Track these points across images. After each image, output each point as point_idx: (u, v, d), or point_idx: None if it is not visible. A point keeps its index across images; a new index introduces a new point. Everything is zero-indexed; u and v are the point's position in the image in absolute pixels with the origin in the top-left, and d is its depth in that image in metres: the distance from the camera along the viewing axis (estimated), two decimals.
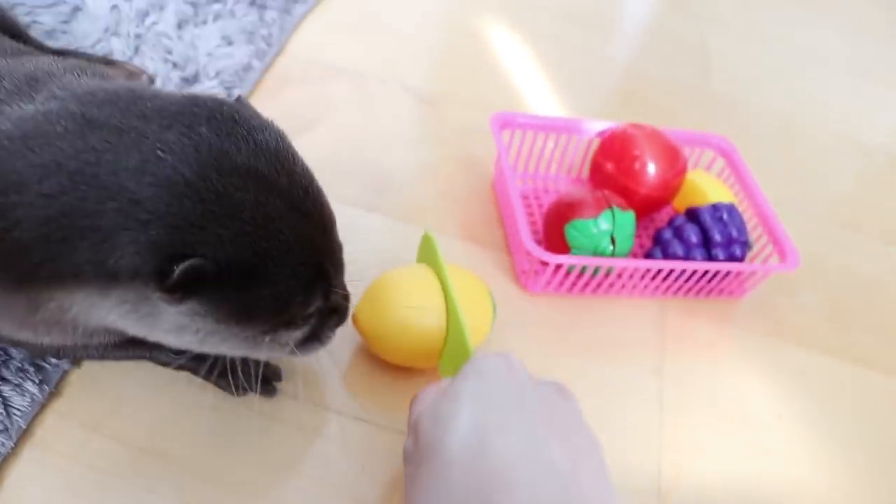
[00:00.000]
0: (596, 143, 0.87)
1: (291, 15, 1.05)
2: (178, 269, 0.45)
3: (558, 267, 0.74)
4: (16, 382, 0.61)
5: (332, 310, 0.58)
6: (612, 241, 0.75)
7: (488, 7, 1.16)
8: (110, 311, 0.51)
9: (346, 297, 0.59)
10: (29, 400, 0.61)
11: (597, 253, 0.75)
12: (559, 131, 0.87)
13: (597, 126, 0.87)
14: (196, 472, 0.61)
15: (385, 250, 0.78)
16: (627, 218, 0.76)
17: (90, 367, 0.66)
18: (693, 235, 0.78)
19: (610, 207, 0.75)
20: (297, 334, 0.56)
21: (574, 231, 0.75)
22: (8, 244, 0.47)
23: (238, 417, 0.65)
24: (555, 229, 0.77)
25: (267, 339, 0.54)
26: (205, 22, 0.99)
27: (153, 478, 0.60)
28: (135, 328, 0.53)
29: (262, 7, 1.03)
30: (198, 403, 0.65)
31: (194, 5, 1.01)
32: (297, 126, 0.90)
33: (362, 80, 0.99)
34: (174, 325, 0.51)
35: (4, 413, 0.60)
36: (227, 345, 0.54)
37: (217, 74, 0.91)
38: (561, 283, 0.77)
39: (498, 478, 0.43)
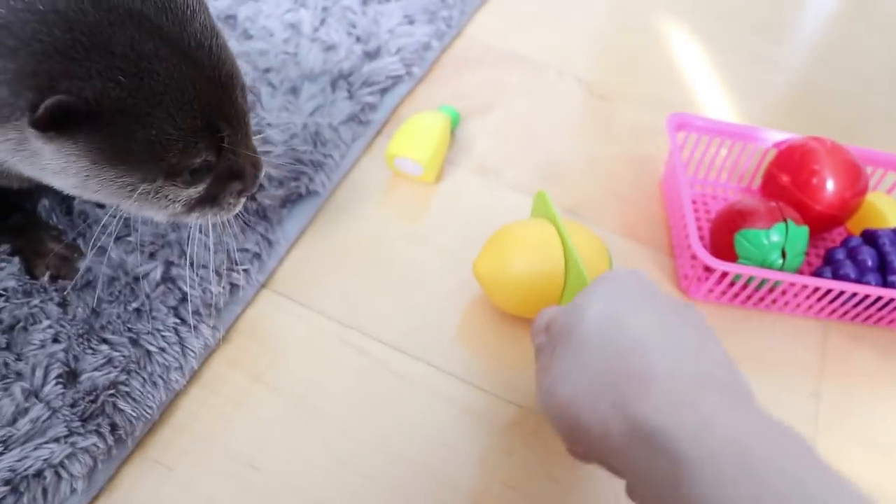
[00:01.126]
0: (771, 154, 0.85)
1: None
2: (44, 106, 0.45)
3: (723, 275, 0.72)
4: (192, 324, 0.65)
5: (234, 174, 0.57)
6: (783, 255, 0.72)
7: (664, 8, 1.14)
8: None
9: (255, 164, 0.59)
10: (203, 343, 0.64)
11: (765, 265, 0.73)
12: (734, 138, 0.85)
13: (775, 136, 0.85)
14: (346, 431, 0.63)
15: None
16: (801, 233, 0.73)
17: (258, 321, 0.69)
18: (869, 258, 0.74)
19: (784, 220, 0.73)
20: (189, 192, 0.56)
21: (744, 241, 0.73)
22: None
23: (393, 386, 0.67)
24: (723, 237, 0.75)
25: (150, 189, 0.53)
26: (388, 0, 1.01)
27: (306, 431, 0.63)
28: (24, 167, 0.53)
29: None
30: (349, 365, 0.67)
31: None
32: (472, 108, 0.91)
33: (537, 70, 0.99)
34: (55, 165, 0.50)
35: (181, 353, 0.63)
36: (110, 191, 0.53)
37: (398, 51, 0.93)
38: (724, 292, 0.75)
39: (630, 349, 0.45)
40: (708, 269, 0.73)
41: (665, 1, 1.16)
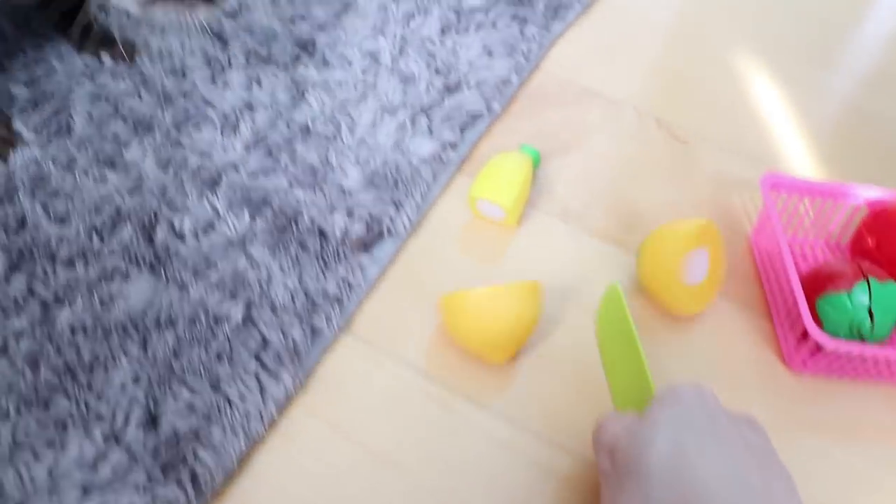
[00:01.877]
0: (863, 211, 0.82)
1: (550, 32, 1.04)
2: None
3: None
4: (273, 370, 0.64)
5: None
6: (871, 316, 0.70)
7: (744, 45, 1.11)
8: None
9: None
10: (283, 391, 0.63)
11: (853, 328, 0.70)
12: (826, 196, 0.82)
13: (867, 193, 0.82)
14: (428, 489, 0.62)
15: (629, 289, 0.77)
16: (888, 290, 0.70)
17: (337, 367, 0.68)
18: None
19: (865, 278, 0.70)
20: None
21: (827, 306, 0.71)
22: None
23: (474, 442, 0.65)
24: (808, 302, 0.73)
25: None
26: (466, 30, 0.99)
27: (387, 486, 0.61)
28: None
29: (524, 21, 1.02)
30: (435, 421, 0.66)
31: (457, 13, 1.01)
32: (553, 147, 0.89)
33: (616, 108, 0.97)
34: None
35: (261, 400, 0.62)
36: None
37: (477, 85, 0.92)
38: (829, 364, 0.72)
39: (696, 494, 0.45)
40: (820, 347, 0.70)
41: (745, 38, 1.13)
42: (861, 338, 0.70)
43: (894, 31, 1.21)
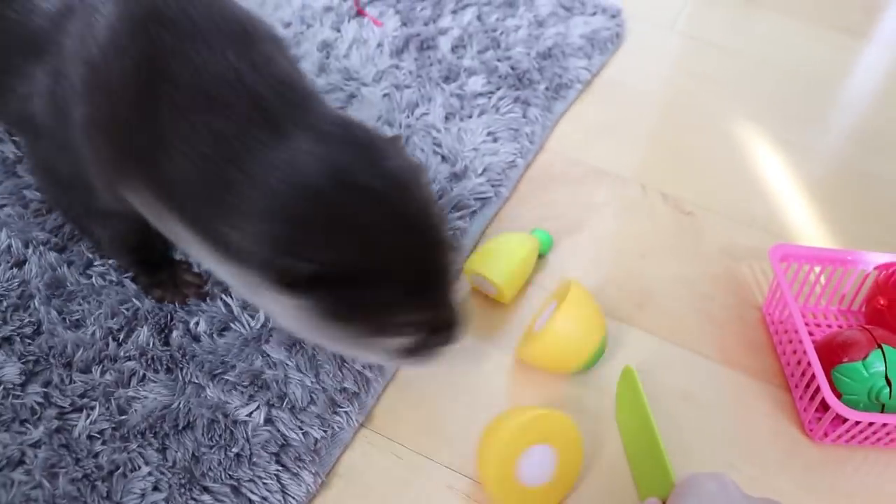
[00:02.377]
0: (873, 275, 0.82)
1: (552, 112, 1.05)
2: (282, 269, 0.52)
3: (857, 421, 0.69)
4: (294, 471, 0.63)
5: (437, 329, 0.60)
6: (888, 383, 0.70)
7: (742, 114, 1.12)
8: (224, 272, 0.59)
9: (457, 321, 0.61)
10: (304, 490, 0.63)
11: (871, 396, 0.70)
12: (836, 264, 0.82)
13: (876, 258, 0.82)
14: None
15: (646, 369, 0.75)
16: None
17: (357, 463, 0.67)
18: None
19: (879, 346, 0.70)
20: (396, 343, 0.59)
21: (842, 377, 0.71)
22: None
23: None
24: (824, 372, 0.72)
25: (363, 341, 0.58)
26: (470, 116, 1.01)
27: None
28: (253, 301, 0.63)
29: (526, 104, 1.04)
30: None
31: (460, 98, 1.03)
32: (562, 228, 0.89)
33: (622, 185, 0.98)
34: (283, 313, 0.57)
35: (283, 501, 0.62)
36: (328, 341, 0.60)
37: (484, 171, 0.92)
38: (853, 437, 0.72)
39: None
40: (841, 417, 0.69)
41: (737, 103, 1.14)
42: (881, 405, 0.70)
43: (881, 85, 1.23)
